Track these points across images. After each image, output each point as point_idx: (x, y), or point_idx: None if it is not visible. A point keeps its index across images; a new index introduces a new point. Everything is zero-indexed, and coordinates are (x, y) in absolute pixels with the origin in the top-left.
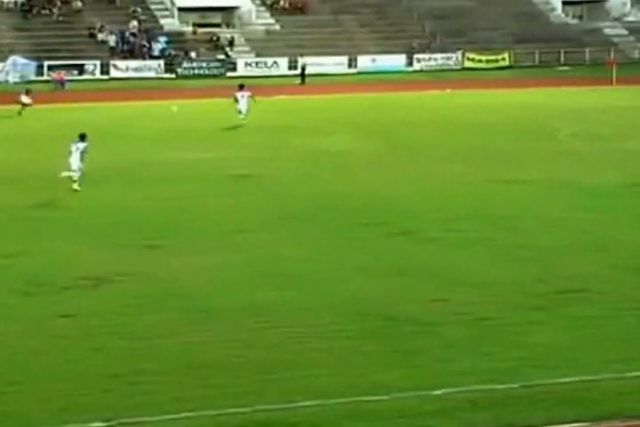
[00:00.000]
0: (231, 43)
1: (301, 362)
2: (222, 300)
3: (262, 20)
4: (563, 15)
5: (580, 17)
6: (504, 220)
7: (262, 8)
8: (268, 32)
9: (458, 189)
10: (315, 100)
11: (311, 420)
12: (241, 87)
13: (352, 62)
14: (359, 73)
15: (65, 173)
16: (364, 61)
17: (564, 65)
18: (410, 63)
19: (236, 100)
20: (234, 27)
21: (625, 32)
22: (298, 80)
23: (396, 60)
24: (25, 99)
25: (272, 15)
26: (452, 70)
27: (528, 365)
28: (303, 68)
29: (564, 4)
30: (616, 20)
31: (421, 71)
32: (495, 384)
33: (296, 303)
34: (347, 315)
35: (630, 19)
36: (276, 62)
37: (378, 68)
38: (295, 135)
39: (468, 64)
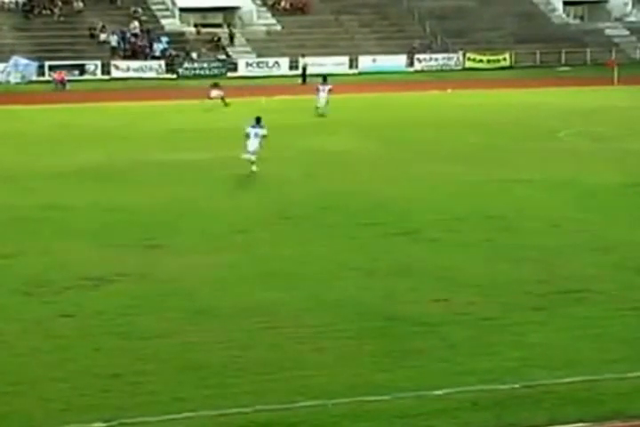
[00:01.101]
0: (231, 38)
1: (302, 362)
2: (222, 300)
3: (263, 21)
4: (564, 15)
5: (581, 17)
6: (504, 220)
7: (263, 8)
8: (268, 32)
9: (458, 189)
10: (309, 101)
11: (312, 420)
12: (324, 80)
13: (353, 62)
14: (360, 73)
15: (244, 156)
16: (365, 62)
17: (565, 65)
18: (411, 63)
19: (317, 92)
20: (235, 27)
21: (626, 32)
22: (299, 80)
23: (397, 61)
24: (214, 93)
25: (273, 15)
26: (452, 70)
27: (529, 365)
28: (304, 69)
29: (564, 4)
30: (617, 20)
31: (422, 71)
32: (496, 384)
33: (296, 303)
34: (347, 315)
35: (631, 19)
36: (276, 62)
37: (378, 69)
38: (296, 135)
39: (468, 64)
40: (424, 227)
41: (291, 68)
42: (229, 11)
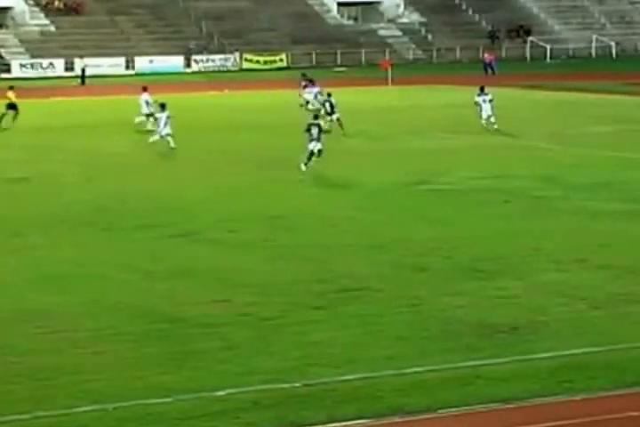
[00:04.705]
0: None
1: (82, 367)
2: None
3: (36, 21)
4: (338, 16)
5: (356, 18)
6: (284, 220)
7: (36, 8)
8: (42, 33)
9: (237, 190)
10: (94, 102)
11: (93, 425)
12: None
13: (129, 63)
14: (137, 74)
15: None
16: (142, 62)
17: (341, 66)
18: (188, 64)
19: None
20: (7, 28)
21: (399, 33)
22: (77, 81)
23: (174, 62)
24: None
25: (46, 16)
26: (229, 71)
27: (310, 364)
28: (83, 70)
29: (339, 4)
30: (390, 21)
31: (199, 72)
32: (277, 384)
33: (75, 307)
34: (128, 318)
35: (404, 20)
36: (51, 64)
37: (155, 70)
38: (74, 137)
39: (245, 65)
40: (203, 228)
41: (66, 69)
42: (1, 11)
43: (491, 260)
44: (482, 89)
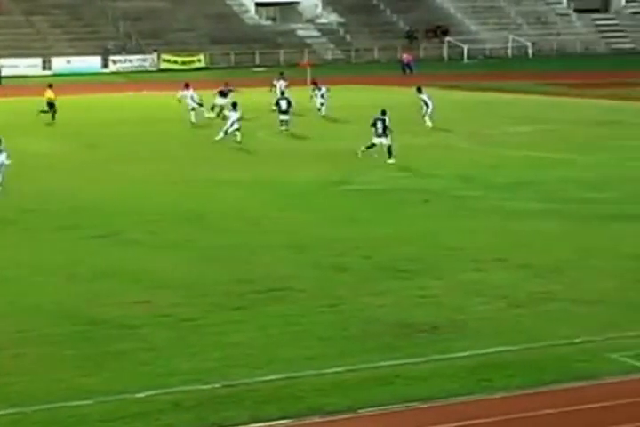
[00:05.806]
0: None
1: (2, 369)
2: None
3: None
4: (256, 17)
5: (274, 18)
6: (205, 220)
7: None
8: None
9: (160, 190)
10: (11, 103)
11: None
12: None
13: (46, 64)
14: (54, 75)
15: None
16: (59, 63)
17: (260, 66)
18: (105, 65)
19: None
20: None
21: (317, 33)
22: None
23: (92, 62)
24: None
25: None
26: (148, 72)
27: (230, 365)
28: None
29: (257, 5)
30: (309, 21)
31: (117, 73)
32: (198, 385)
33: None
34: (48, 319)
35: (322, 20)
36: None
37: (73, 70)
38: None
39: (164, 65)
40: (125, 229)
41: None
42: None
43: (411, 259)
44: (419, 89)
